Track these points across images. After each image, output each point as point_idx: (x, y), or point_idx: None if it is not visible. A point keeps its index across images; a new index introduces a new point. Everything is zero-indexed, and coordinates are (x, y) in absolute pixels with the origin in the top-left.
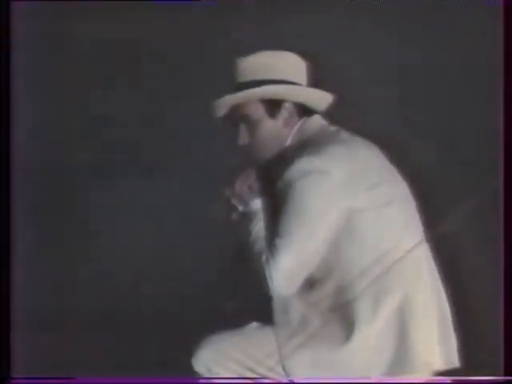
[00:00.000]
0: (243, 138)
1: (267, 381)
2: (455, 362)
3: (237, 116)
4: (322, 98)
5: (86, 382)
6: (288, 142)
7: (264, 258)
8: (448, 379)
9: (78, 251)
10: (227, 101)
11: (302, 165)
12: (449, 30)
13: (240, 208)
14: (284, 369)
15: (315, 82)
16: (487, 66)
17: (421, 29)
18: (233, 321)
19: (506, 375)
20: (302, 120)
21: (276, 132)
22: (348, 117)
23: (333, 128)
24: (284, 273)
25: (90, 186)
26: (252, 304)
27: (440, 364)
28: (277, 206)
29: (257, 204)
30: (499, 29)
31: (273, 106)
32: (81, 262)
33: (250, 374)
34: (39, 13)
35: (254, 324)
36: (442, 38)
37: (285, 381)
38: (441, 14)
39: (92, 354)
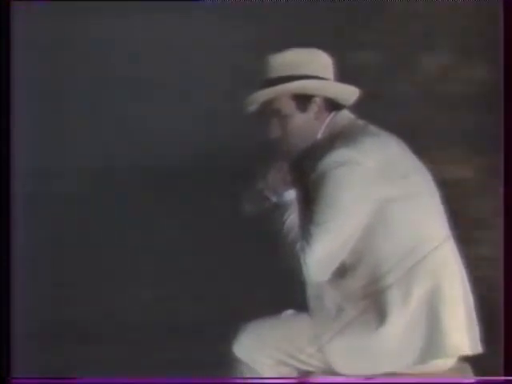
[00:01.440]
0: (275, 131)
1: (275, 381)
2: (479, 347)
3: (268, 111)
4: (349, 93)
5: (86, 382)
6: (319, 135)
7: (298, 245)
8: (448, 379)
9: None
10: (259, 96)
11: (336, 156)
12: (448, 30)
13: (273, 199)
14: (324, 355)
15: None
16: (487, 66)
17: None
18: (268, 308)
19: (505, 375)
20: (331, 114)
21: (308, 125)
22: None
23: (361, 122)
24: (319, 260)
25: None
26: (285, 292)
27: (468, 349)
28: (309, 196)
29: (291, 194)
30: (499, 29)
31: (303, 100)
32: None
33: (290, 361)
34: (39, 13)
35: (290, 311)
36: (441, 38)
37: (295, 381)
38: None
39: (92, 354)
